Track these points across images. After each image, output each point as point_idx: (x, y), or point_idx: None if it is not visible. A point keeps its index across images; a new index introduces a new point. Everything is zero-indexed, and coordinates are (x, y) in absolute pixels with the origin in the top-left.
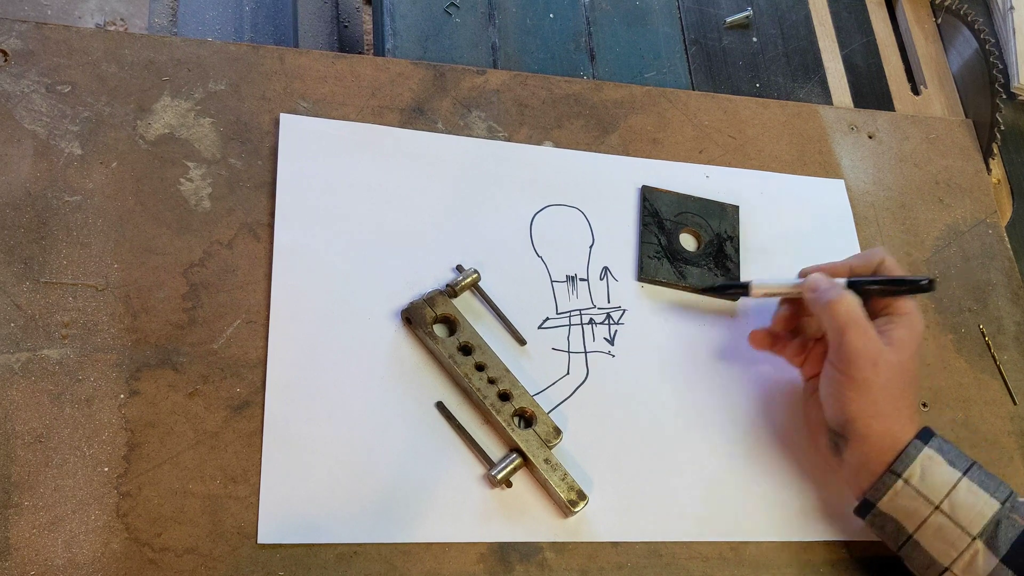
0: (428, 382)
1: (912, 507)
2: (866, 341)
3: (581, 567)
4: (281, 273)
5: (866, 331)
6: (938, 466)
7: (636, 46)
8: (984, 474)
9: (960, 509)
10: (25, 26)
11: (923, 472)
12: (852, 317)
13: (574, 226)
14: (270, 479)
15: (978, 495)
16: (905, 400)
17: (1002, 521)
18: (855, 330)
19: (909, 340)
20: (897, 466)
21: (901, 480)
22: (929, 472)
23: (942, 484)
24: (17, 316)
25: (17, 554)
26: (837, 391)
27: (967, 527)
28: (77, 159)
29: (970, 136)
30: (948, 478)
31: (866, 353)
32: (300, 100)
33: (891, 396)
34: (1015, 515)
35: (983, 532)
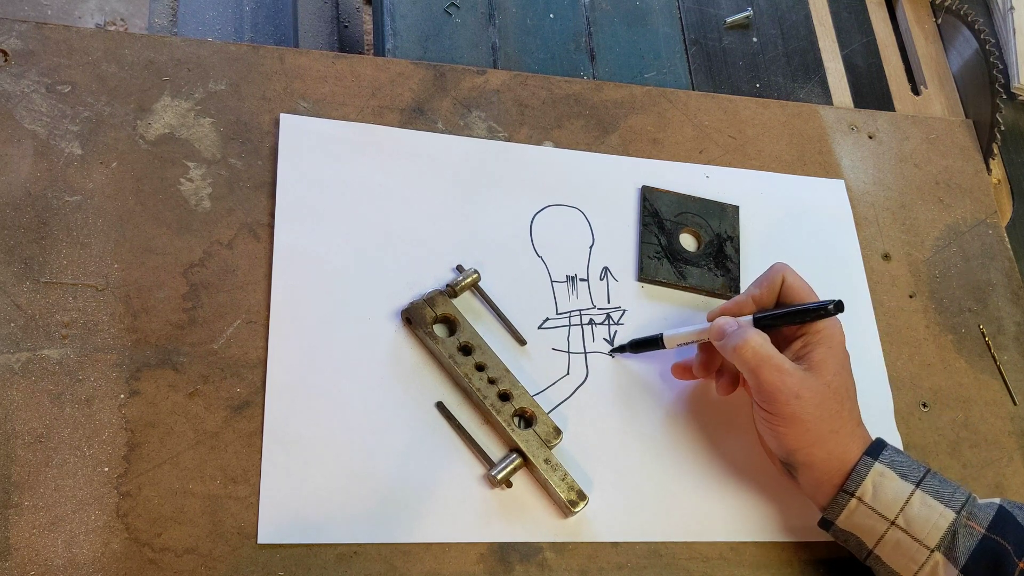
0: (428, 382)
1: (868, 524)
2: (782, 376)
3: (581, 567)
4: (281, 273)
5: (779, 367)
6: (890, 481)
7: (636, 46)
8: (939, 482)
9: (915, 522)
10: (25, 26)
11: (875, 489)
12: (761, 357)
13: (574, 226)
14: (270, 479)
15: (932, 507)
16: (842, 418)
17: (959, 531)
18: (767, 369)
19: (829, 358)
20: (849, 485)
21: (854, 499)
22: (881, 488)
23: (895, 499)
24: (17, 316)
25: (17, 554)
26: (769, 428)
27: (924, 540)
28: (77, 159)
29: (970, 136)
30: (901, 493)
31: (785, 389)
32: (300, 100)
33: (826, 419)
34: (972, 523)
35: (940, 544)
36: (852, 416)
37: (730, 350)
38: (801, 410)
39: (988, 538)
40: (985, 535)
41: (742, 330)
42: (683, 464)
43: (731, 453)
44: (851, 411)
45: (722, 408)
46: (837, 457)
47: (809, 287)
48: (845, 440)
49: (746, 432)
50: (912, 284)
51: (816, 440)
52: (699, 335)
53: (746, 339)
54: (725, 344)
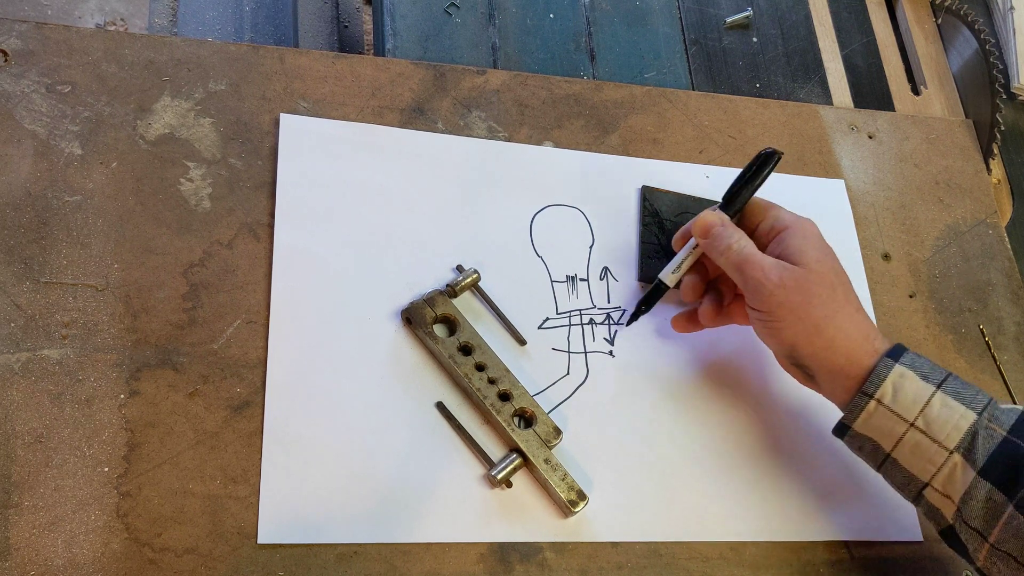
0: (428, 382)
1: (887, 426)
2: (763, 270)
3: (581, 567)
4: (281, 273)
5: (760, 263)
6: (910, 382)
7: (636, 46)
8: (960, 384)
9: (935, 423)
10: (25, 26)
11: (895, 390)
12: (743, 255)
13: (574, 226)
14: (270, 479)
15: (953, 408)
16: (835, 302)
17: (979, 432)
18: (749, 266)
19: (807, 247)
20: (868, 387)
21: (874, 401)
22: (901, 390)
23: (915, 400)
24: (17, 316)
25: (17, 554)
26: (765, 328)
27: (943, 441)
28: (77, 159)
29: (970, 136)
30: (921, 394)
31: (767, 280)
32: (300, 100)
33: (816, 305)
34: (994, 425)
35: (960, 445)
36: (847, 300)
37: (716, 253)
38: (786, 298)
39: (1008, 440)
40: (1006, 437)
41: (725, 231)
42: (683, 464)
43: (731, 453)
44: (845, 295)
45: (722, 408)
46: (845, 353)
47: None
48: (845, 325)
49: (746, 432)
50: (912, 284)
51: (812, 329)
52: (691, 252)
53: (729, 243)
54: (710, 245)
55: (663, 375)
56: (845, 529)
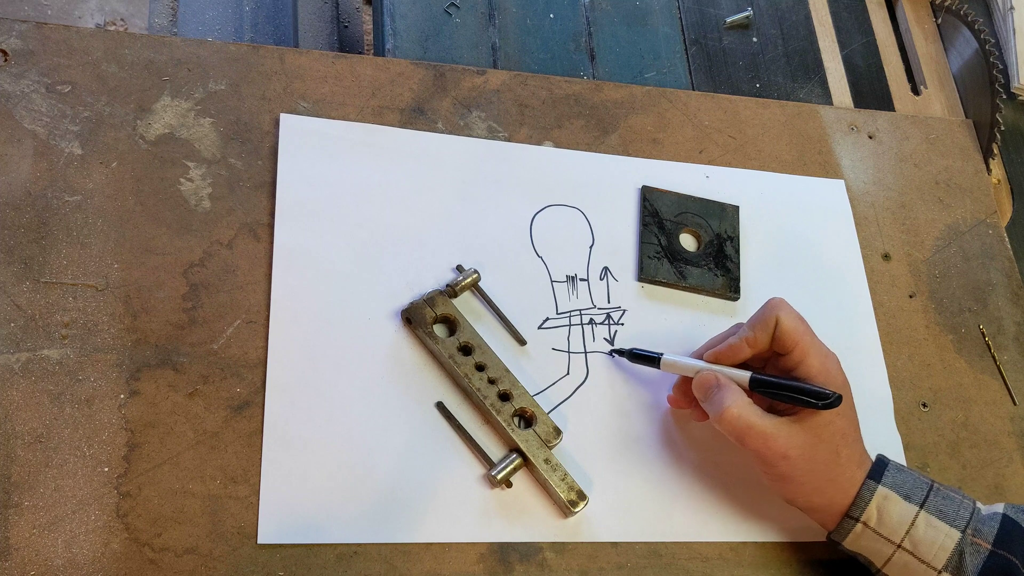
0: (428, 382)
1: (875, 547)
2: (766, 442)
3: (581, 567)
4: (281, 273)
5: (762, 433)
6: (894, 504)
7: (636, 46)
8: (942, 500)
9: (921, 545)
10: (25, 26)
11: (880, 513)
12: (742, 427)
13: (574, 226)
14: (270, 479)
15: (938, 528)
16: (839, 466)
17: (965, 550)
18: (750, 437)
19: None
20: (853, 511)
21: (859, 523)
22: (886, 512)
23: (900, 523)
24: (17, 316)
25: (17, 554)
26: (765, 479)
27: (931, 562)
28: (77, 159)
29: (970, 136)
30: (906, 515)
31: (771, 453)
32: (300, 100)
33: (820, 471)
34: (978, 539)
35: (947, 565)
36: (851, 459)
37: (712, 417)
38: (791, 469)
39: (995, 554)
40: (992, 551)
41: (722, 394)
42: (683, 464)
43: (731, 453)
44: (850, 456)
45: None
46: (841, 490)
47: (805, 327)
48: (845, 485)
49: None
50: (912, 284)
51: (813, 491)
52: (691, 371)
53: (725, 407)
54: (707, 408)
55: (663, 375)
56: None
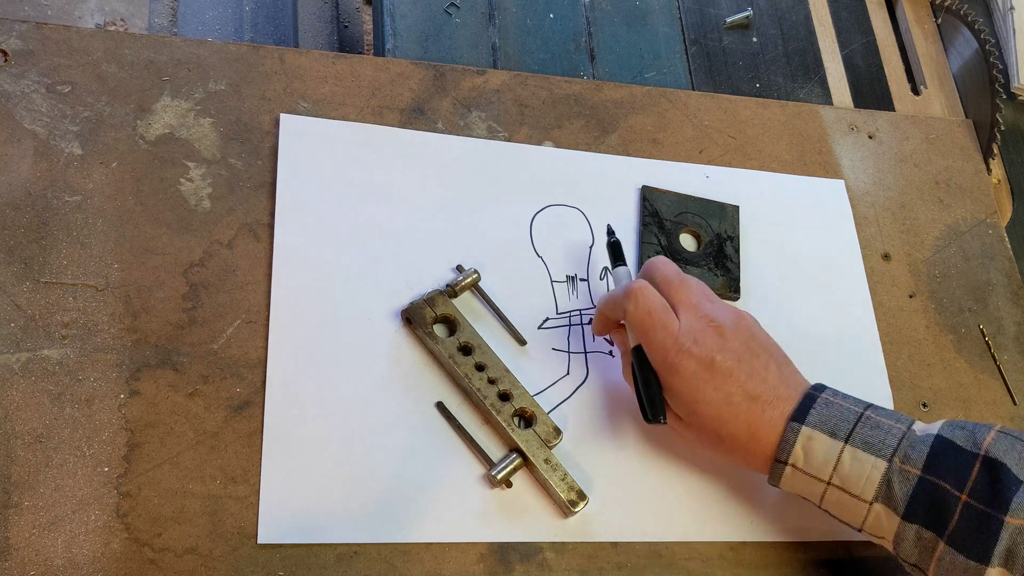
0: (428, 382)
1: (807, 487)
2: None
3: (581, 567)
4: (281, 273)
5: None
6: (819, 444)
7: (636, 46)
8: (870, 429)
9: (849, 479)
10: (25, 26)
11: (806, 454)
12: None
13: (574, 226)
14: (270, 479)
15: (863, 460)
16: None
17: (892, 479)
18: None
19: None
20: (780, 454)
21: (788, 466)
22: (811, 452)
23: (826, 461)
24: (17, 316)
25: (17, 554)
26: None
27: (860, 495)
28: (77, 159)
29: (970, 136)
30: (831, 452)
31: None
32: (300, 100)
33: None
34: (907, 466)
35: (877, 495)
36: (737, 437)
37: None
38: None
39: (924, 480)
40: (921, 477)
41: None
42: (683, 464)
43: None
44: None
45: None
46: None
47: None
48: (748, 453)
49: None
50: (912, 284)
51: (724, 460)
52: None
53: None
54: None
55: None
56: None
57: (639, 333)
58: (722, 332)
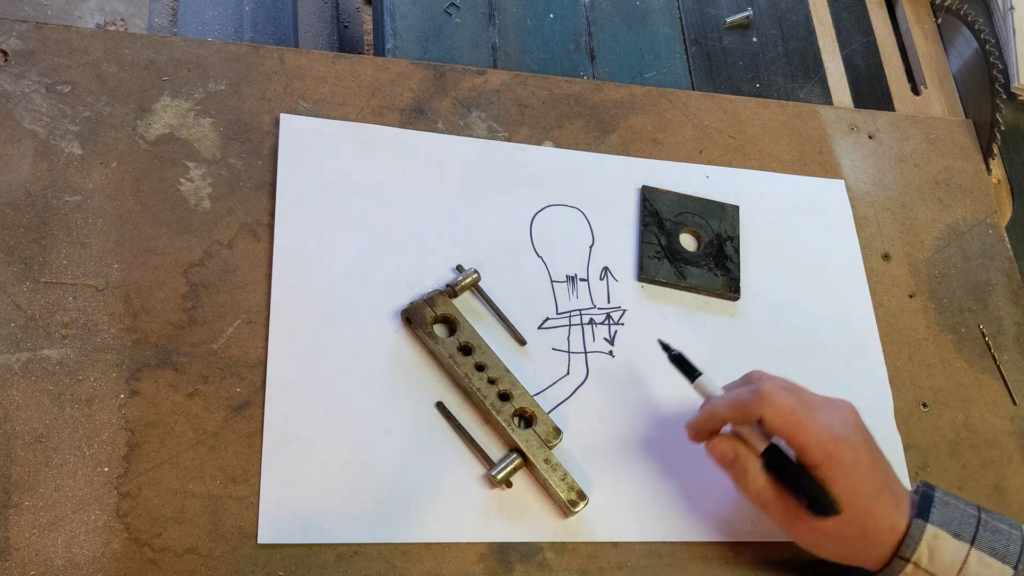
0: (428, 382)
1: None
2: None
3: (581, 567)
4: (281, 273)
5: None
6: (945, 543)
7: (636, 46)
8: (991, 534)
9: None
10: (25, 26)
11: (931, 553)
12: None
13: (574, 226)
14: (270, 479)
15: (990, 566)
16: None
17: None
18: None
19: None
20: (904, 551)
21: (911, 564)
22: (937, 552)
23: (952, 562)
24: (17, 316)
25: (17, 554)
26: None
27: None
28: (77, 159)
29: (970, 136)
30: (957, 555)
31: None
32: (300, 100)
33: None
34: None
35: None
36: (879, 530)
37: (736, 482)
38: (816, 543)
39: None
40: None
41: (740, 466)
42: (683, 464)
43: None
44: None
45: None
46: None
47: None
48: (885, 531)
49: None
50: (912, 284)
51: (843, 555)
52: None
53: (747, 487)
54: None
55: (663, 375)
56: None
57: (787, 432)
58: (855, 424)
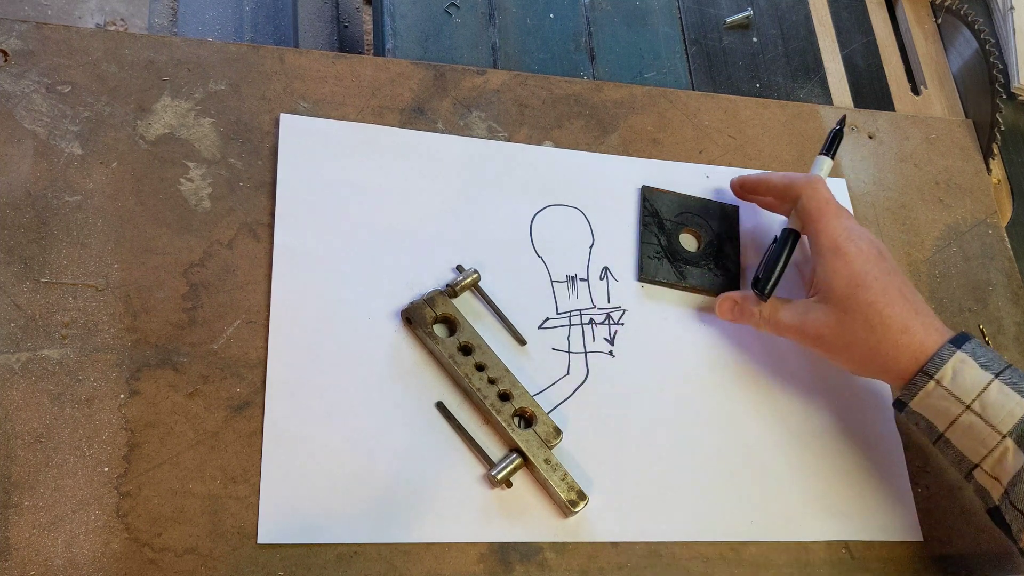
0: (428, 382)
1: (943, 406)
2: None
3: (581, 567)
4: (281, 273)
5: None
6: (970, 368)
7: (636, 46)
8: (1019, 377)
9: (990, 408)
10: (25, 26)
11: (954, 374)
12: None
13: (574, 226)
14: (270, 479)
15: (1009, 395)
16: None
17: None
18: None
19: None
20: (929, 367)
21: (932, 381)
22: (960, 374)
23: (973, 385)
24: (17, 316)
25: (17, 554)
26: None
27: (997, 426)
28: (77, 159)
29: (970, 136)
30: (979, 380)
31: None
32: (300, 100)
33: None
34: None
35: (1013, 431)
36: (890, 327)
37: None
38: (830, 346)
39: None
40: None
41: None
42: (683, 464)
43: (731, 453)
44: (886, 323)
45: (723, 408)
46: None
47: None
48: (893, 352)
49: (747, 432)
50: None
51: (861, 362)
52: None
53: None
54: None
55: (663, 375)
56: (845, 529)
57: (812, 215)
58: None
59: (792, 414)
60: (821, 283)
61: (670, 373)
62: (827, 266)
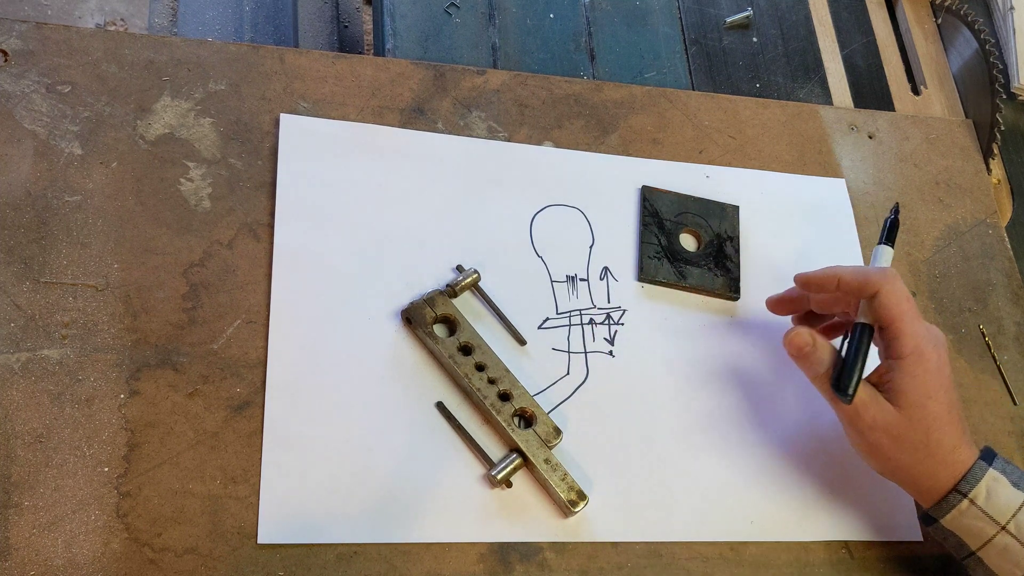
0: (428, 382)
1: (977, 526)
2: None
3: (581, 567)
4: (281, 273)
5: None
6: (1003, 488)
7: (636, 46)
8: None
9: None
10: (25, 26)
11: (988, 493)
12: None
13: (574, 226)
14: (270, 479)
15: None
16: (927, 449)
17: None
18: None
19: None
20: (963, 487)
21: (967, 500)
22: (995, 493)
23: (1007, 506)
24: (17, 316)
25: (17, 554)
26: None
27: None
28: (77, 159)
29: (970, 136)
30: (1014, 500)
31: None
32: (300, 100)
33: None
34: None
35: None
36: (944, 444)
37: (808, 374)
38: (878, 440)
39: None
40: None
41: (816, 355)
42: (683, 464)
43: (732, 453)
44: (941, 440)
45: (723, 408)
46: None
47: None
48: (949, 463)
49: (746, 432)
50: (912, 284)
51: (904, 466)
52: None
53: (819, 371)
54: (802, 365)
55: (663, 375)
56: (845, 529)
57: (892, 312)
58: (946, 348)
59: (792, 414)
60: (896, 383)
61: (670, 373)
62: (906, 370)
